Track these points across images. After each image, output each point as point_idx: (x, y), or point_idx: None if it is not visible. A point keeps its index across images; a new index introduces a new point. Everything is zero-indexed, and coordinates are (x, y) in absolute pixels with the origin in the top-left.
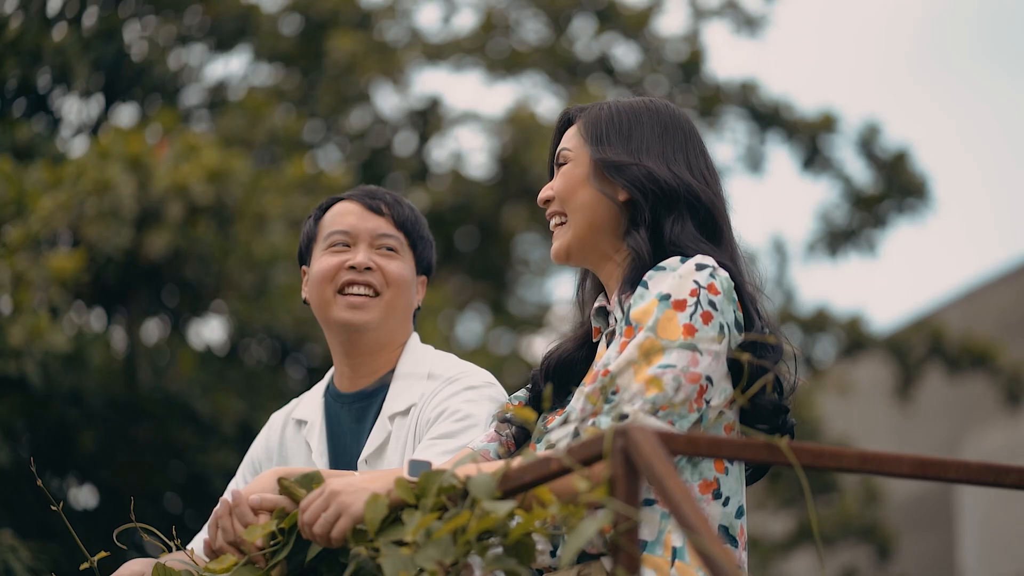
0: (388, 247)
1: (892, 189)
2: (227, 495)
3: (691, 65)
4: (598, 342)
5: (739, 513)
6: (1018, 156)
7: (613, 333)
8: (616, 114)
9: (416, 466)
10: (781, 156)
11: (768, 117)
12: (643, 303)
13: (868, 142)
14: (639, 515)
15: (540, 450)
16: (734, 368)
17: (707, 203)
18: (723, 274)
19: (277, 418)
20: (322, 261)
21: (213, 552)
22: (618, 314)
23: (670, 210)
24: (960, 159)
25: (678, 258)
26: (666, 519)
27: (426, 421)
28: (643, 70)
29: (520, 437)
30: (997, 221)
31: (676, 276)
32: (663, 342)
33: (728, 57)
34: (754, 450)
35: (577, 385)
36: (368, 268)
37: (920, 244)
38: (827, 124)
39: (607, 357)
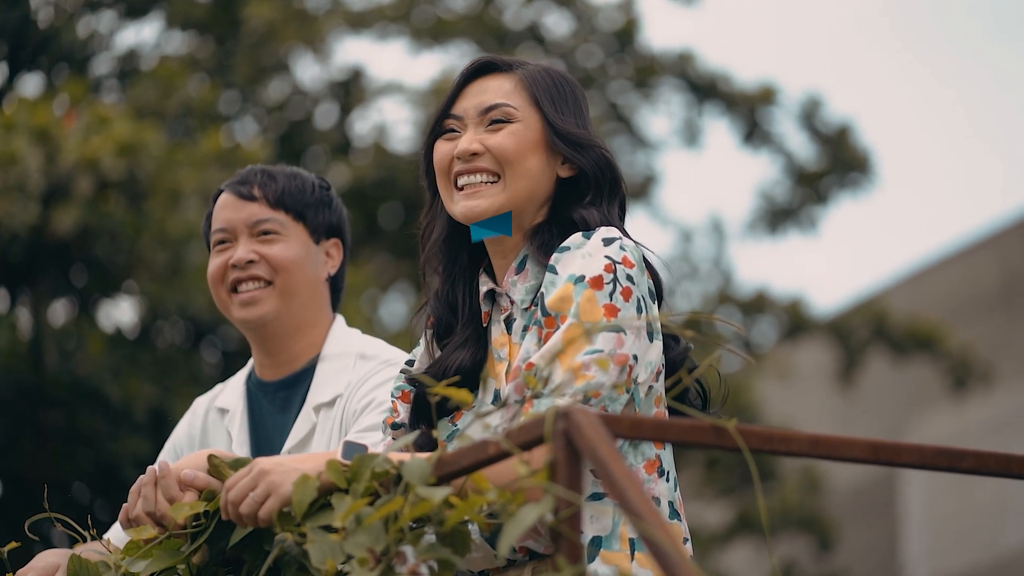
0: (267, 231)
1: (835, 164)
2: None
3: (625, 34)
4: (487, 327)
5: (675, 485)
6: (966, 133)
7: (511, 317)
8: (558, 81)
9: (351, 449)
10: (719, 130)
11: (705, 89)
12: (556, 289)
13: (810, 116)
14: (582, 500)
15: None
16: (654, 337)
17: (624, 188)
18: (630, 244)
19: (201, 403)
20: (210, 263)
21: (129, 521)
22: (515, 295)
23: (612, 194)
24: (906, 136)
25: (579, 234)
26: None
27: (352, 412)
28: (575, 39)
29: (421, 441)
30: (944, 200)
31: (584, 254)
32: (587, 326)
33: (664, 26)
34: (701, 433)
35: (479, 374)
36: (250, 261)
37: (864, 224)
38: (767, 97)
39: (525, 351)
